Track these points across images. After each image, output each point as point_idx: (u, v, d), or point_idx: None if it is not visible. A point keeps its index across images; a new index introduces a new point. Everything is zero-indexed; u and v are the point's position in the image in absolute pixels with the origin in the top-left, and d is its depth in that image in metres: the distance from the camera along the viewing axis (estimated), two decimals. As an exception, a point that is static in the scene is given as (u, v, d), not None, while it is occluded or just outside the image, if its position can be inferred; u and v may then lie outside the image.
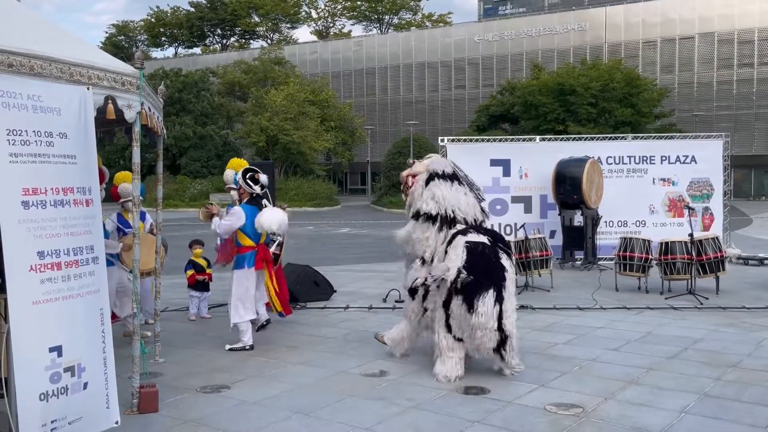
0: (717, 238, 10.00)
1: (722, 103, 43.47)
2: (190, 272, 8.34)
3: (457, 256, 5.58)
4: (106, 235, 6.53)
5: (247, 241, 6.72)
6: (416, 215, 6.07)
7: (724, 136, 13.25)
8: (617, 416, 4.70)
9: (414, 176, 6.31)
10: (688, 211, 10.05)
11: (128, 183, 7.06)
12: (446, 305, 5.62)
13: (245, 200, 6.86)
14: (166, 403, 5.03)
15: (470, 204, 6.06)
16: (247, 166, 7.36)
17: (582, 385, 5.40)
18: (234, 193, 7.61)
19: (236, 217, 6.66)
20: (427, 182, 6.08)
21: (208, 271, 8.43)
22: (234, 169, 7.74)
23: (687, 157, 12.94)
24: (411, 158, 6.65)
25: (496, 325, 5.45)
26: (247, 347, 6.61)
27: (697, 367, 5.90)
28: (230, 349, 6.60)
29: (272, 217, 6.62)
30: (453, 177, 6.10)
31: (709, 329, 7.38)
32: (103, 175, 6.55)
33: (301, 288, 8.95)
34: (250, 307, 6.66)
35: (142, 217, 7.51)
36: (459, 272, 5.46)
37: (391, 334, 6.36)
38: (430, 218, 5.95)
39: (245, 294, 6.63)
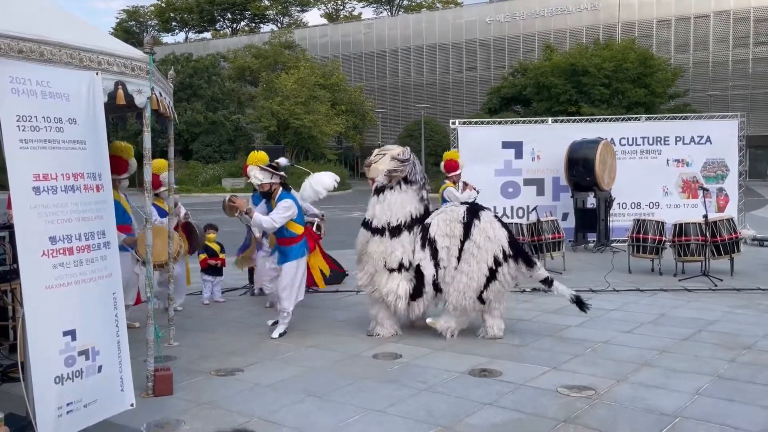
0: (732, 219, 9.90)
1: (738, 83, 42.84)
2: (202, 256, 8.39)
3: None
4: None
5: (299, 228, 6.63)
6: (364, 224, 6.66)
7: (739, 116, 13.06)
8: (630, 398, 4.68)
9: (372, 180, 6.64)
10: (703, 192, 9.95)
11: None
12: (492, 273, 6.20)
13: (282, 189, 6.63)
14: (181, 386, 5.07)
15: (408, 205, 6.49)
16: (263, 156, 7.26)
17: (594, 368, 5.38)
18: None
19: (291, 210, 6.47)
20: (377, 192, 6.51)
21: (221, 255, 8.46)
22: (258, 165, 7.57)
23: (702, 137, 12.78)
24: (369, 158, 6.74)
25: None
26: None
27: (711, 349, 5.86)
28: (279, 336, 6.58)
29: (326, 179, 7.03)
30: (404, 180, 6.48)
31: (724, 311, 7.32)
32: (126, 165, 6.50)
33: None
34: (301, 291, 6.77)
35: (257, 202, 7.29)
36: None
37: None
38: (374, 231, 6.48)
39: (301, 280, 6.71)
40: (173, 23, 71.18)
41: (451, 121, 13.37)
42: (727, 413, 4.36)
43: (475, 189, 9.58)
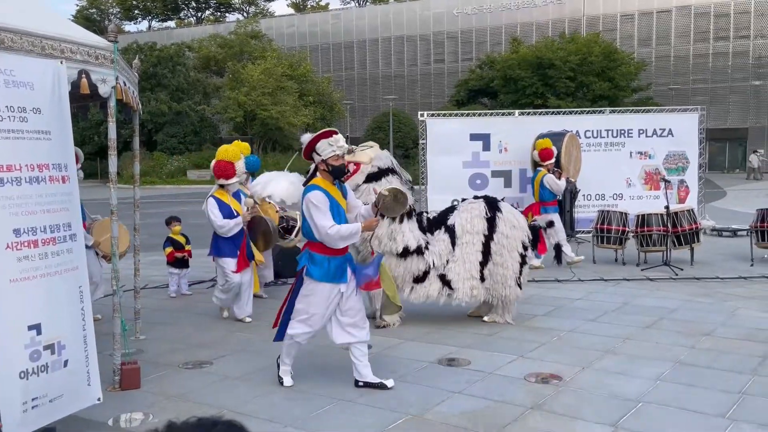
0: (692, 210, 10.16)
1: (698, 77, 43.78)
2: (168, 249, 8.29)
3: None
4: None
5: None
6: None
7: (699, 109, 13.37)
8: (594, 385, 4.80)
9: (357, 164, 6.48)
10: (664, 184, 10.18)
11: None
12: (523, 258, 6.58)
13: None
14: (148, 379, 5.03)
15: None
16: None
17: (560, 355, 5.50)
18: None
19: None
20: (379, 177, 6.40)
21: (186, 248, 8.38)
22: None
23: (664, 130, 13.05)
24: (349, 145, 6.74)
25: None
26: None
27: (672, 336, 6.03)
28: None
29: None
30: (393, 171, 6.49)
31: (684, 299, 7.53)
32: (77, 157, 6.41)
33: (283, 264, 8.92)
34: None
35: (237, 197, 6.95)
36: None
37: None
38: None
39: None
40: (136, 11, 69.58)
41: (419, 113, 13.40)
42: (687, 398, 4.51)
43: (568, 177, 9.84)
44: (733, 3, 42.77)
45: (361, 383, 4.81)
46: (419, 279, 6.41)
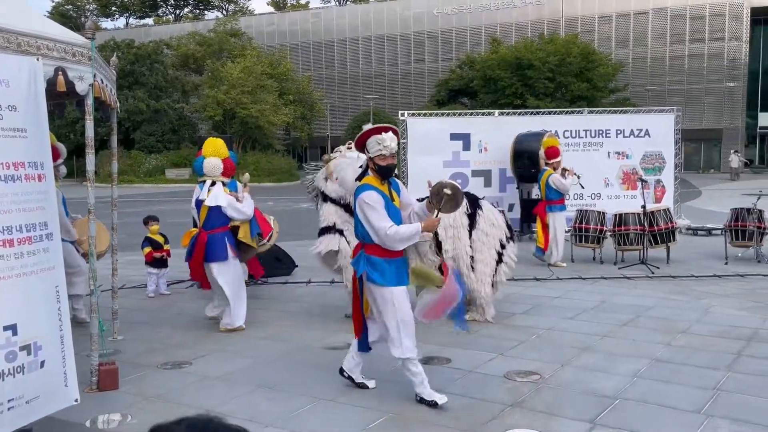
0: (668, 209, 10.31)
1: (674, 78, 44.41)
2: (147, 249, 8.21)
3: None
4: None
5: None
6: None
7: (675, 110, 13.57)
8: (573, 382, 4.85)
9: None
10: (642, 184, 10.32)
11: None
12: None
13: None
14: (127, 380, 4.98)
15: None
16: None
17: (539, 353, 5.55)
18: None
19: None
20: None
21: (165, 247, 8.30)
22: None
23: (641, 131, 13.23)
24: (326, 154, 6.69)
25: None
26: None
27: (648, 333, 6.12)
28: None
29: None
30: None
31: (660, 297, 7.64)
32: (58, 153, 6.35)
33: (262, 263, 8.88)
34: None
35: (234, 188, 6.68)
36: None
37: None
38: None
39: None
40: (113, 8, 68.72)
41: (400, 112, 13.43)
42: (663, 394, 4.58)
43: (575, 174, 9.88)
44: (708, 6, 43.45)
45: (418, 399, 4.46)
46: None
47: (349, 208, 6.38)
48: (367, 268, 4.39)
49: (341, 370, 4.83)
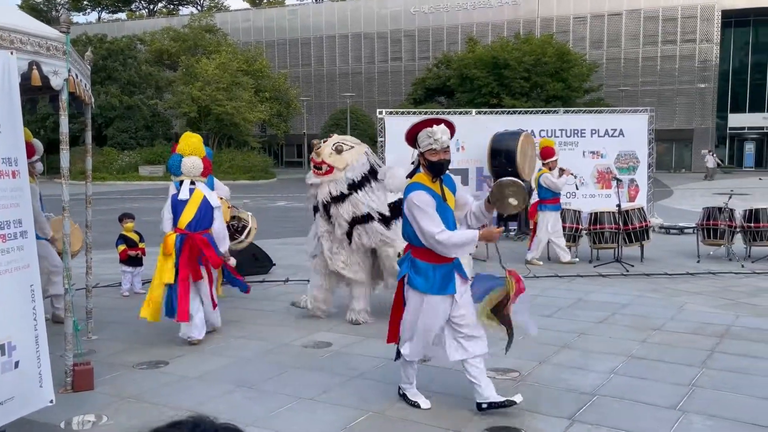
0: (642, 208, 10.47)
1: (647, 79, 45.10)
2: (121, 247, 8.09)
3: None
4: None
5: None
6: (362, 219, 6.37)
7: (649, 110, 13.78)
8: (551, 379, 4.90)
9: (331, 167, 6.35)
10: (616, 183, 10.45)
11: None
12: None
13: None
14: (102, 380, 4.90)
15: (383, 199, 6.43)
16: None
17: (518, 351, 5.56)
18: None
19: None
20: (361, 186, 6.29)
21: (140, 245, 8.19)
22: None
23: (615, 130, 13.40)
24: (316, 139, 6.61)
25: None
26: None
27: (624, 331, 6.20)
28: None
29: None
30: (369, 179, 6.37)
31: (635, 295, 7.75)
32: (33, 149, 6.23)
33: (240, 262, 8.81)
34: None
35: (212, 185, 6.55)
36: None
37: None
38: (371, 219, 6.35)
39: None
40: (85, 2, 67.50)
41: (378, 110, 13.42)
42: (640, 390, 4.65)
43: (572, 174, 9.92)
44: (680, 7, 44.19)
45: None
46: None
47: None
48: (410, 271, 4.14)
49: (478, 406, 4.24)
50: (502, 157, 12.25)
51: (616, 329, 6.26)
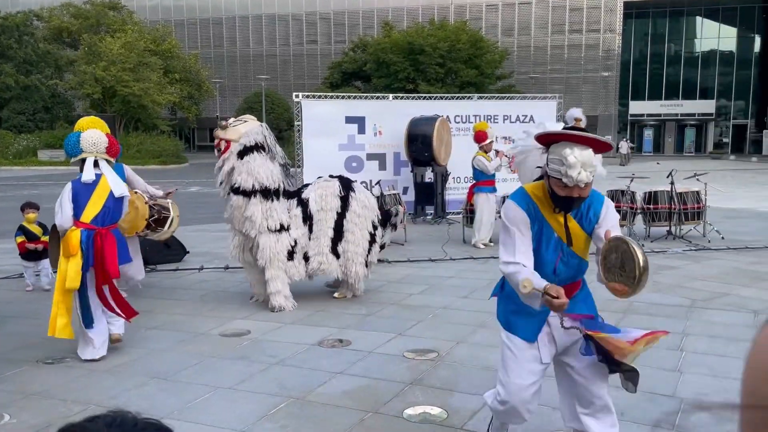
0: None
1: (555, 67, 46.86)
2: (20, 239, 7.45)
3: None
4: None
5: None
6: (236, 191, 6.30)
7: (558, 97, 14.31)
8: (469, 358, 5.03)
9: (228, 141, 6.32)
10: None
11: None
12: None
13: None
14: (3, 377, 4.62)
15: (276, 173, 6.38)
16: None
17: (436, 331, 5.70)
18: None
19: None
20: (241, 155, 6.25)
21: (43, 238, 7.38)
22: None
23: (526, 116, 13.83)
24: (224, 120, 6.51)
25: None
26: None
27: (536, 309, 6.45)
28: None
29: None
30: (261, 147, 6.32)
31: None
32: None
33: (150, 250, 8.49)
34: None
35: (120, 171, 5.79)
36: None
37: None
38: (248, 194, 6.25)
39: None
40: (-27, -28, 62.45)
41: (294, 94, 13.22)
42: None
43: (507, 156, 9.84)
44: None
45: None
46: (290, 256, 6.48)
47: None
48: (498, 291, 3.45)
49: None
50: (419, 141, 12.39)
51: (529, 308, 6.50)
